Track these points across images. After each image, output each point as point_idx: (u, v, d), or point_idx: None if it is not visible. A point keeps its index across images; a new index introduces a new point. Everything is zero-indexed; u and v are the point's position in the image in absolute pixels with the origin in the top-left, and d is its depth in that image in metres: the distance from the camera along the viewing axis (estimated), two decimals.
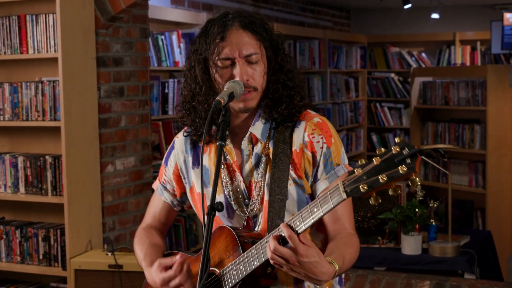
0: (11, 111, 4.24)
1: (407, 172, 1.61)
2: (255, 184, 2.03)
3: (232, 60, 1.99)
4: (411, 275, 4.01)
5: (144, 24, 4.74)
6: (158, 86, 5.28)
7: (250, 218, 2.04)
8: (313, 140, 2.01)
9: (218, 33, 2.01)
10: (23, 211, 4.42)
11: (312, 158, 2.01)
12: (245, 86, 1.98)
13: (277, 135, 2.03)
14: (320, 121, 2.05)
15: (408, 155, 1.62)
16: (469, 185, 6.69)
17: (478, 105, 6.58)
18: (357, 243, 2.00)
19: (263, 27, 2.05)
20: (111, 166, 4.47)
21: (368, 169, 1.68)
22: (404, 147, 1.63)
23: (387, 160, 1.65)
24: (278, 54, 2.06)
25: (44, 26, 4.11)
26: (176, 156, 2.19)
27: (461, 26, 8.86)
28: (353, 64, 8.80)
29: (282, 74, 2.05)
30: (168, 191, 2.23)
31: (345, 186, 1.71)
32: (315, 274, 1.79)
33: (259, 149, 2.05)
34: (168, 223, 2.31)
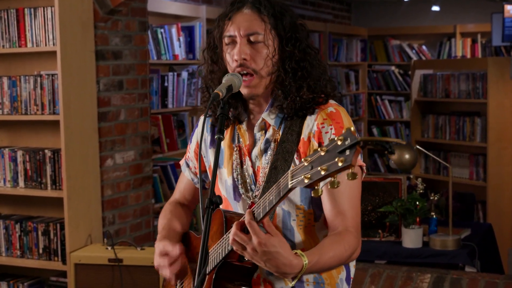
0: (10, 105, 4.22)
1: (344, 164, 1.52)
2: (262, 170, 2.02)
3: (233, 39, 1.98)
4: (411, 268, 4.00)
5: (143, 17, 4.72)
6: (158, 79, 5.27)
7: (254, 204, 2.01)
8: (322, 130, 1.95)
9: (228, 12, 2.02)
10: (22, 205, 4.42)
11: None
12: (242, 66, 1.96)
13: (289, 122, 2.00)
14: (334, 111, 1.99)
15: (347, 147, 1.53)
16: (470, 178, 6.68)
17: (478, 97, 6.56)
18: (352, 241, 1.92)
19: (276, 10, 2.00)
20: (110, 160, 4.45)
21: (313, 159, 1.60)
22: (347, 137, 1.54)
23: (330, 151, 1.57)
24: (289, 40, 2.00)
25: (43, 20, 4.09)
26: (197, 134, 2.21)
27: (462, 18, 8.83)
28: (353, 57, 8.78)
29: (291, 62, 1.99)
30: (190, 168, 2.26)
31: (292, 175, 1.66)
32: (276, 266, 1.74)
33: (270, 134, 2.03)
34: (193, 200, 2.32)
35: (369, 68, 9.16)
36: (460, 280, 3.84)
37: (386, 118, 9.09)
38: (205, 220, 1.78)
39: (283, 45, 1.99)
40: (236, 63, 1.97)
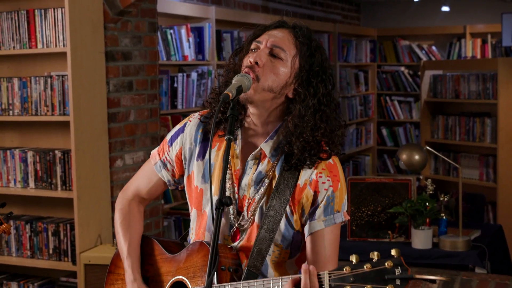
0: (21, 106, 4.24)
1: None
2: (249, 201, 2.01)
3: (259, 46, 2.00)
4: (421, 269, 3.99)
5: (153, 18, 4.73)
6: (167, 80, 5.28)
7: (238, 230, 2.02)
8: (319, 179, 1.98)
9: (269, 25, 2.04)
10: (32, 206, 4.43)
11: (312, 197, 1.98)
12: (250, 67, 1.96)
13: (287, 164, 1.99)
14: (332, 162, 2.01)
15: (399, 277, 1.62)
16: (480, 179, 6.65)
17: (489, 98, 6.54)
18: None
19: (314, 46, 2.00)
20: (120, 161, 4.47)
21: (356, 272, 1.67)
22: (398, 265, 1.63)
23: (377, 272, 1.64)
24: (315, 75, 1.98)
25: (53, 21, 4.11)
26: (183, 140, 2.15)
27: (472, 19, 8.81)
28: (362, 58, 8.77)
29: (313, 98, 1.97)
30: (167, 169, 2.19)
31: (330, 279, 1.71)
32: None
33: (264, 167, 2.01)
34: (153, 197, 2.30)
35: (379, 68, 9.14)
36: (470, 281, 3.83)
37: (395, 118, 9.07)
38: (215, 221, 1.78)
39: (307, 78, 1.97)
40: (247, 64, 1.97)
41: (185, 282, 2.00)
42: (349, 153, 8.26)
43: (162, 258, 2.13)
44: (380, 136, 9.12)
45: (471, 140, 6.71)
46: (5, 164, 4.32)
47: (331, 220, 1.98)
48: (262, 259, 1.97)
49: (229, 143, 1.85)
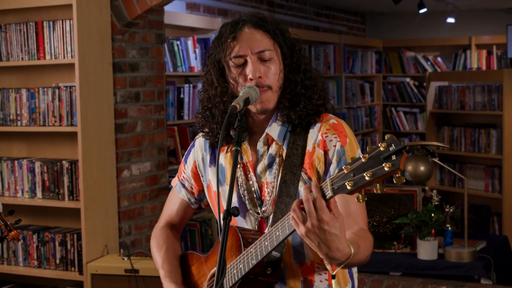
0: (29, 116, 4.27)
1: (391, 169, 1.56)
2: (267, 185, 2.04)
3: (244, 58, 2.00)
4: (427, 280, 3.99)
5: (160, 30, 4.76)
6: (174, 91, 5.30)
7: (263, 219, 2.04)
8: (326, 138, 1.99)
9: (230, 33, 2.03)
10: (40, 216, 4.46)
11: (324, 156, 1.99)
12: (258, 85, 1.98)
13: (293, 137, 2.03)
14: (335, 122, 2.04)
15: (393, 152, 1.57)
16: (485, 190, 6.66)
17: (494, 109, 6.55)
18: (371, 238, 1.93)
19: (277, 27, 2.05)
20: (127, 171, 4.49)
21: (355, 166, 1.63)
22: (391, 143, 1.58)
23: (373, 158, 1.61)
24: (294, 53, 2.05)
25: (61, 32, 4.14)
26: (195, 153, 2.21)
27: (477, 30, 8.82)
28: (368, 69, 8.79)
29: (299, 73, 2.04)
30: (186, 188, 2.25)
31: (333, 183, 1.68)
32: (330, 248, 1.70)
33: (273, 150, 2.05)
34: (184, 221, 2.33)
35: (384, 79, 9.16)
36: None
37: (401, 129, 9.08)
38: (223, 231, 1.79)
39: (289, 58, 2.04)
40: (251, 82, 1.99)
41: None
42: None
43: (199, 263, 2.16)
44: None
45: (476, 151, 6.72)
46: (12, 174, 4.34)
47: None
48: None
49: (237, 154, 1.86)
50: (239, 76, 2.01)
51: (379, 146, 1.60)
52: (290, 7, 7.59)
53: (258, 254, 1.85)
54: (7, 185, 4.36)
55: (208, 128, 2.11)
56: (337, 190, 1.66)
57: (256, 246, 1.87)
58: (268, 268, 1.90)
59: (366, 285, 4.04)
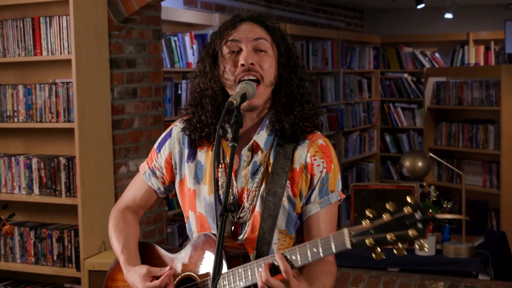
0: (25, 112, 4.26)
1: (417, 237, 1.62)
2: (248, 192, 2.02)
3: (239, 46, 1.99)
4: (424, 276, 3.99)
5: (157, 26, 4.75)
6: (171, 87, 5.29)
7: (238, 225, 2.03)
8: (314, 162, 2.00)
9: (230, 24, 2.03)
10: (37, 212, 4.45)
11: (310, 181, 2.01)
12: (250, 70, 1.96)
13: (279, 149, 2.02)
14: (324, 144, 2.04)
15: (420, 220, 1.62)
16: (483, 186, 6.66)
17: (492, 105, 6.55)
18: (335, 271, 2.01)
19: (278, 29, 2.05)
20: (124, 168, 4.48)
21: (377, 224, 1.67)
22: (417, 210, 1.63)
23: (397, 220, 1.65)
24: (291, 56, 2.04)
25: (58, 28, 4.13)
26: (171, 144, 2.15)
27: (475, 26, 8.82)
28: (366, 65, 8.78)
29: (295, 76, 2.03)
30: (157, 177, 2.19)
31: (351, 235, 1.71)
32: None
33: (258, 158, 2.03)
34: (146, 207, 2.28)
35: (382, 75, 9.15)
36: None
37: (399, 125, 9.08)
38: (219, 227, 1.79)
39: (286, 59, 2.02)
40: (242, 67, 1.97)
41: (194, 277, 1.98)
42: (352, 159, 8.27)
43: (164, 260, 2.10)
44: (384, 143, 9.13)
45: (474, 147, 6.71)
46: (9, 171, 4.33)
47: (326, 201, 2.01)
48: (268, 245, 1.98)
49: (233, 150, 1.85)
50: (229, 63, 1.99)
51: (403, 209, 1.64)
52: (288, 3, 7.58)
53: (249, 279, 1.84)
54: (4, 182, 4.35)
55: (197, 120, 2.07)
56: (356, 244, 1.70)
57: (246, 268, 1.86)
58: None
59: (364, 281, 4.04)
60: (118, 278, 2.20)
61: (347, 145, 8.07)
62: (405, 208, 1.64)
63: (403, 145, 9.03)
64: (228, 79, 2.00)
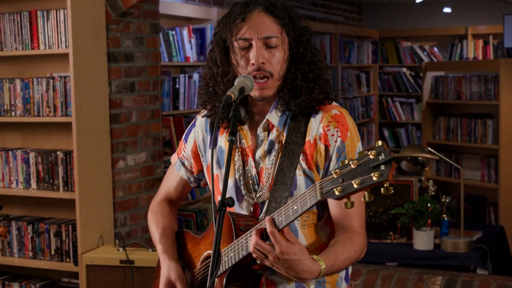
0: (23, 106, 4.25)
1: (379, 179, 1.57)
2: (266, 170, 2.02)
3: (250, 42, 1.98)
4: (423, 271, 3.99)
5: (155, 20, 4.73)
6: (169, 81, 5.28)
7: (257, 205, 2.03)
8: (328, 132, 1.97)
9: (239, 14, 2.00)
10: (34, 207, 4.44)
11: (324, 151, 1.98)
12: (260, 69, 1.96)
13: (293, 123, 2.01)
14: (338, 113, 2.02)
15: (382, 162, 1.58)
16: (482, 180, 6.65)
17: (490, 99, 6.54)
18: (360, 242, 1.95)
19: (288, 14, 2.01)
20: (122, 162, 4.47)
21: (344, 172, 1.64)
22: (381, 152, 1.59)
23: (362, 165, 1.61)
24: (301, 43, 2.02)
25: (55, 22, 4.11)
26: (196, 133, 2.20)
27: (474, 20, 8.80)
28: (364, 59, 8.77)
29: (303, 64, 2.01)
30: (186, 167, 2.26)
31: (322, 187, 1.69)
32: (296, 272, 1.78)
33: (274, 136, 2.03)
34: (182, 198, 2.35)
35: (380, 70, 9.15)
36: (472, 282, 3.83)
37: (397, 120, 9.08)
38: (217, 222, 1.78)
39: (295, 48, 2.01)
40: (253, 66, 1.97)
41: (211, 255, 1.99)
42: None
43: (193, 243, 2.16)
44: (382, 137, 9.12)
45: (472, 141, 6.71)
46: (7, 165, 4.32)
47: None
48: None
49: (231, 144, 1.86)
50: (242, 59, 1.99)
51: (368, 154, 1.60)
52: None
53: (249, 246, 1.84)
54: (1, 176, 4.34)
55: (210, 106, 2.10)
56: (326, 195, 1.67)
57: (247, 237, 1.86)
58: None
59: (362, 275, 4.04)
60: None
61: None
62: (370, 152, 1.60)
63: (401, 139, 9.03)
64: (241, 74, 2.01)
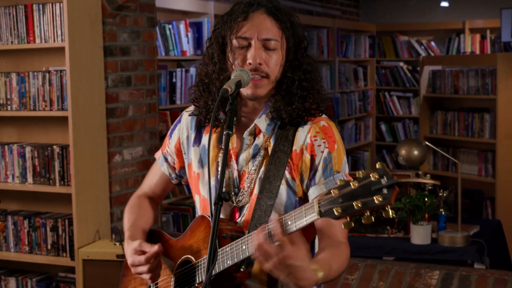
0: (19, 101, 4.23)
1: (382, 202, 1.57)
2: (248, 175, 2.02)
3: (249, 42, 1.97)
4: (420, 265, 3.98)
5: (152, 13, 4.71)
6: (166, 75, 5.26)
7: (236, 208, 2.03)
8: (315, 143, 1.98)
9: (242, 13, 1.99)
10: (31, 201, 4.43)
11: (310, 161, 1.98)
12: (256, 70, 1.95)
13: (281, 132, 2.01)
14: (326, 125, 2.02)
15: (385, 186, 1.57)
16: (479, 174, 6.65)
17: (487, 93, 6.53)
18: (347, 253, 1.94)
19: (289, 19, 2.01)
20: (118, 156, 4.46)
21: (344, 192, 1.63)
22: (383, 175, 1.58)
23: (364, 186, 1.60)
24: (299, 50, 2.02)
25: (51, 15, 4.09)
26: (180, 130, 2.19)
27: (471, 14, 8.79)
28: (361, 53, 8.75)
29: (299, 71, 2.01)
30: (168, 163, 2.24)
31: (320, 205, 1.66)
32: (297, 278, 1.72)
33: (260, 141, 2.02)
34: (164, 194, 2.32)
35: (378, 64, 9.13)
36: (469, 276, 3.82)
37: (394, 114, 9.07)
38: (214, 216, 1.77)
39: (293, 54, 2.00)
40: (250, 66, 1.96)
41: (191, 259, 1.99)
42: (347, 148, 8.25)
43: (169, 245, 2.12)
44: (379, 132, 9.11)
45: (470, 136, 6.71)
46: (3, 160, 4.31)
47: (332, 181, 1.97)
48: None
49: (228, 138, 1.85)
50: (239, 58, 1.98)
51: (370, 176, 1.60)
52: None
53: (235, 256, 1.82)
54: None
55: (203, 103, 2.09)
56: (324, 214, 1.65)
57: (233, 247, 1.84)
58: (242, 266, 1.88)
59: (359, 270, 4.03)
60: None
61: (343, 133, 8.05)
62: (372, 175, 1.60)
63: (398, 133, 9.02)
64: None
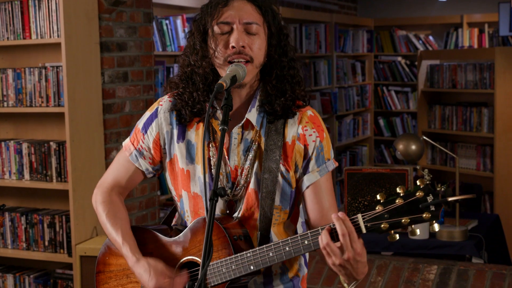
0: (15, 97, 4.22)
1: (430, 219, 1.72)
2: (241, 169, 2.02)
3: (231, 26, 1.97)
4: (418, 260, 3.98)
5: (148, 9, 4.70)
6: (163, 71, 5.25)
7: (233, 202, 2.04)
8: (306, 133, 2.02)
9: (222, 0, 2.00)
10: (28, 198, 4.42)
11: (303, 151, 2.02)
12: (240, 53, 1.95)
13: (271, 126, 2.02)
14: (312, 114, 2.06)
15: (433, 204, 1.72)
16: (477, 169, 6.64)
17: (486, 88, 6.52)
18: None
19: (269, 6, 2.03)
20: (115, 152, 4.44)
21: (390, 208, 1.74)
22: (429, 193, 1.73)
23: (411, 203, 1.73)
24: (281, 36, 2.04)
25: (47, 11, 4.08)
26: (159, 125, 2.11)
27: (469, 8, 8.77)
28: (359, 48, 8.74)
29: (286, 58, 2.03)
30: (144, 158, 2.14)
31: (365, 220, 1.76)
32: (357, 273, 1.82)
33: (250, 135, 2.03)
34: (131, 188, 2.24)
35: (376, 59, 9.12)
36: (467, 271, 3.82)
37: (392, 109, 9.06)
38: (209, 213, 1.77)
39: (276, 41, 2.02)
40: (233, 49, 1.95)
41: (197, 261, 1.98)
42: (346, 143, 8.25)
43: (162, 244, 2.08)
44: (377, 126, 9.11)
45: (468, 130, 6.70)
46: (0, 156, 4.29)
47: (325, 169, 2.03)
48: (269, 222, 1.99)
49: (224, 133, 1.84)
50: (221, 43, 1.97)
51: (415, 194, 1.73)
52: None
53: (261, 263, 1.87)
54: None
55: (188, 95, 2.04)
56: (371, 228, 1.77)
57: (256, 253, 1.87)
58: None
59: None
60: (111, 263, 2.19)
61: (341, 129, 8.04)
62: (418, 193, 1.72)
63: (396, 128, 9.01)
64: (218, 59, 1.99)
